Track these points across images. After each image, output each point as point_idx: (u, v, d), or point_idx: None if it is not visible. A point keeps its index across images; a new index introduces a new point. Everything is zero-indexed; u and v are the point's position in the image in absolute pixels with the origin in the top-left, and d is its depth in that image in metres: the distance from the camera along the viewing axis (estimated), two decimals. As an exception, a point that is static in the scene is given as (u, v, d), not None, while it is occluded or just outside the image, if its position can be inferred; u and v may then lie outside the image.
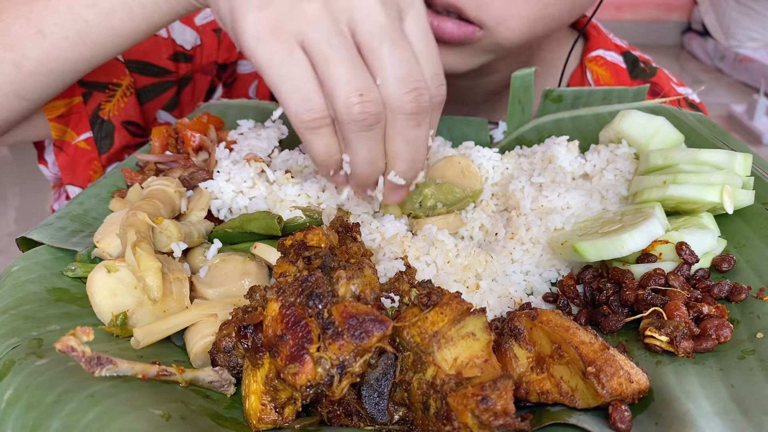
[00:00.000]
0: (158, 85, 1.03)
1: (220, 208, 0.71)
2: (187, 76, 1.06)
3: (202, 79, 1.09)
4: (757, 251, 0.62)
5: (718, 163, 0.67)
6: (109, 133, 0.97)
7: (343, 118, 0.56)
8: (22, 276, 0.59)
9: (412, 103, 0.57)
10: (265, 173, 0.74)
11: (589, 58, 1.08)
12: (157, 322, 0.55)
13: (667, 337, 0.51)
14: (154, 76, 1.02)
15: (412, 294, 0.51)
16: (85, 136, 0.96)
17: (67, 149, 0.96)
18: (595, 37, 1.10)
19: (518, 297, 0.63)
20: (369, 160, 0.60)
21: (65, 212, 0.70)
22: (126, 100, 0.98)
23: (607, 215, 0.68)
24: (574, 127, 0.90)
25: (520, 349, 0.50)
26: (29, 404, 0.44)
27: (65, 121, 0.95)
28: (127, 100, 0.98)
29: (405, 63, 0.56)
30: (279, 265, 0.52)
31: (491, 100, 1.08)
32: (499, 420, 0.41)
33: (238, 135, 0.80)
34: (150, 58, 1.01)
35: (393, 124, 0.58)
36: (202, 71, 1.08)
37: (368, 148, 0.59)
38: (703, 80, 4.84)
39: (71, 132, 0.95)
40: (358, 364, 0.45)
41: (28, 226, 0.77)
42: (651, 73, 1.09)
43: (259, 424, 0.47)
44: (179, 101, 1.07)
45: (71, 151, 0.97)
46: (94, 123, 0.96)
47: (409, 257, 0.65)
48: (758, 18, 4.84)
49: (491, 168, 0.79)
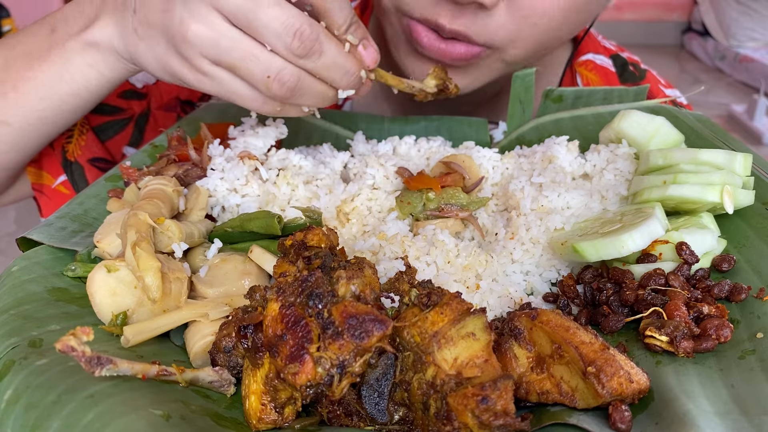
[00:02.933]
0: (114, 123, 1.04)
1: (213, 205, 0.72)
2: (143, 113, 1.08)
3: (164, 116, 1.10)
4: (757, 251, 0.62)
5: (718, 163, 0.66)
6: (81, 174, 0.99)
7: (275, 98, 0.66)
8: (22, 276, 0.59)
9: (301, 47, 0.63)
10: (259, 171, 0.74)
11: (579, 62, 1.08)
12: (148, 320, 0.55)
13: (667, 337, 0.51)
14: (107, 115, 1.04)
15: (412, 294, 0.51)
16: (61, 179, 0.98)
17: (48, 192, 0.99)
18: (585, 40, 1.10)
19: (518, 297, 0.63)
20: (320, 100, 0.69)
21: (65, 212, 0.70)
22: (84, 138, 1.00)
23: (607, 215, 0.68)
24: (574, 127, 0.90)
25: (520, 349, 0.50)
26: (29, 404, 0.44)
27: (38, 166, 0.98)
28: (86, 138, 1.00)
29: (274, 18, 0.61)
30: (279, 265, 0.52)
31: (491, 100, 1.08)
32: (499, 420, 0.41)
33: (238, 132, 0.80)
34: None
35: (306, 67, 0.65)
36: (162, 108, 1.10)
37: (310, 96, 0.67)
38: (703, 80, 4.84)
39: (47, 175, 0.98)
40: (358, 364, 0.45)
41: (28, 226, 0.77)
42: (640, 76, 1.10)
43: (259, 424, 0.47)
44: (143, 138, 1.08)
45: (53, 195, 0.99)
46: (66, 167, 0.98)
47: (410, 257, 0.65)
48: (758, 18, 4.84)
49: (491, 168, 0.79)
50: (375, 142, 0.88)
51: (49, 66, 0.78)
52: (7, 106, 0.80)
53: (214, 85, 0.66)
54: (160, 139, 0.87)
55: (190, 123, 0.91)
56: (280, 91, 0.65)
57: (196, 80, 0.67)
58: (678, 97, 1.06)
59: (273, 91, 0.65)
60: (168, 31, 0.65)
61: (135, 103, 1.06)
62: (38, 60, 0.78)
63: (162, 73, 0.70)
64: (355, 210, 0.73)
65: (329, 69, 0.66)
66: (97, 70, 0.77)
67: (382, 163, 0.77)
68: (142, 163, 0.80)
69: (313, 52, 0.64)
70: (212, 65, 0.65)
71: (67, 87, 0.79)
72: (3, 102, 0.80)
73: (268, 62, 0.63)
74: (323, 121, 0.99)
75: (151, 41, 0.68)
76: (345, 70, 0.67)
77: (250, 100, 0.67)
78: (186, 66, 0.66)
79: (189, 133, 0.85)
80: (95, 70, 0.77)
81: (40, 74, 0.78)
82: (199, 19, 0.62)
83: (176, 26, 0.64)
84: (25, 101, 0.80)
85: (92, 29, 0.75)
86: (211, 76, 0.66)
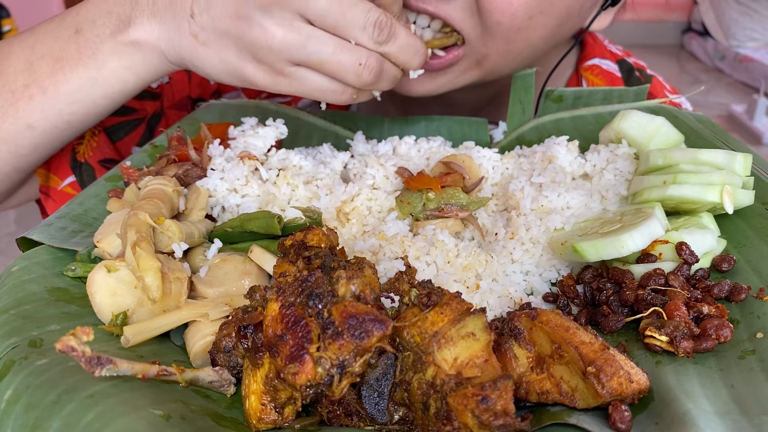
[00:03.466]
0: (126, 123, 1.04)
1: (213, 205, 0.72)
2: (156, 113, 1.07)
3: (176, 115, 1.09)
4: (757, 251, 0.62)
5: (718, 163, 0.66)
6: (90, 175, 0.98)
7: (363, 86, 0.71)
8: (22, 276, 0.59)
9: (381, 34, 0.68)
10: (259, 171, 0.74)
11: (585, 67, 1.08)
12: (147, 321, 0.55)
13: (667, 337, 0.51)
14: (120, 115, 1.03)
15: (412, 294, 0.51)
16: (69, 181, 0.97)
17: (54, 195, 0.98)
18: (591, 45, 1.10)
19: (518, 297, 0.63)
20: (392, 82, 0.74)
21: (65, 212, 0.70)
22: (96, 139, 0.99)
23: (607, 215, 0.68)
24: (574, 127, 0.90)
25: (520, 349, 0.50)
26: (29, 404, 0.44)
27: (46, 167, 0.97)
28: (98, 139, 0.99)
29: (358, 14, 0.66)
30: (279, 265, 0.52)
31: (492, 100, 1.08)
32: (499, 420, 0.41)
33: (238, 132, 0.80)
34: None
35: (386, 53, 0.71)
36: (174, 107, 1.09)
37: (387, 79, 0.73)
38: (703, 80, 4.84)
39: (54, 177, 0.97)
40: (358, 364, 0.45)
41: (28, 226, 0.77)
42: (646, 81, 1.10)
43: (259, 424, 0.47)
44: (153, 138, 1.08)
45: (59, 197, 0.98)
46: (75, 168, 0.97)
47: (410, 257, 0.65)
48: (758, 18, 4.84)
49: (491, 168, 0.79)
50: (375, 142, 0.88)
51: (81, 70, 0.77)
52: (33, 109, 0.79)
53: (293, 85, 0.70)
54: (160, 139, 0.87)
55: (190, 123, 0.91)
56: (369, 78, 0.69)
57: (273, 83, 0.70)
58: (683, 102, 1.06)
59: (363, 79, 0.69)
60: (245, 38, 0.67)
61: (148, 104, 1.06)
62: (68, 63, 0.77)
63: (228, 77, 0.72)
64: (355, 210, 0.73)
65: (404, 51, 0.71)
66: (135, 72, 0.77)
67: (382, 163, 0.77)
68: (142, 163, 0.80)
69: (391, 36, 0.69)
70: (294, 67, 0.68)
71: (100, 90, 0.78)
72: (29, 105, 0.79)
73: (357, 52, 0.68)
74: (323, 121, 0.99)
75: (219, 47, 0.69)
76: (415, 49, 0.73)
77: (331, 92, 0.71)
78: (263, 70, 0.69)
79: (189, 133, 0.85)
80: (132, 72, 0.77)
81: (72, 78, 0.77)
82: (283, 24, 0.65)
83: (257, 34, 0.66)
84: (54, 105, 0.78)
85: (130, 30, 0.74)
86: (291, 77, 0.69)
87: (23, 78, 0.79)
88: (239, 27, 0.67)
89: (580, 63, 1.09)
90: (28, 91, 0.78)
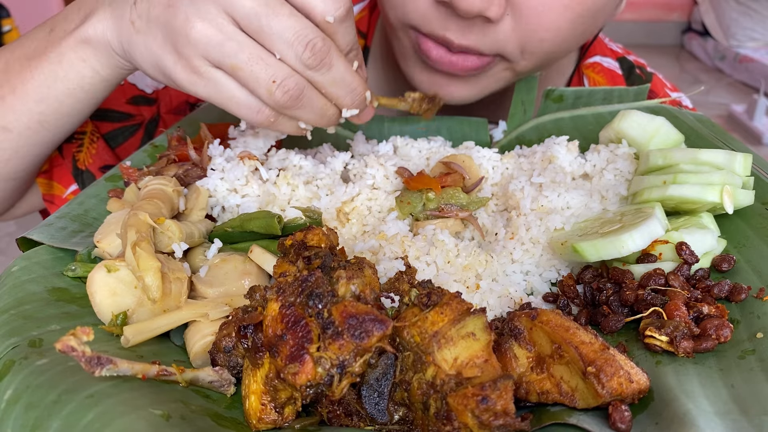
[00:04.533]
0: (123, 129, 1.04)
1: (213, 205, 0.72)
2: (154, 118, 1.07)
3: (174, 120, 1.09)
4: (757, 251, 0.62)
5: (718, 163, 0.66)
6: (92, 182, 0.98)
7: (275, 106, 0.65)
8: (22, 276, 0.59)
9: (312, 58, 0.63)
10: (259, 171, 0.74)
11: (586, 65, 1.09)
12: (148, 321, 0.55)
13: (667, 337, 0.51)
14: (116, 121, 1.03)
15: (412, 294, 0.51)
16: (72, 189, 0.97)
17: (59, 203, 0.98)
18: (592, 43, 1.10)
19: (518, 297, 0.63)
20: (319, 116, 0.68)
21: (65, 212, 0.70)
22: (95, 146, 0.99)
23: (607, 215, 0.68)
24: (574, 127, 0.90)
25: (520, 349, 0.50)
26: (29, 404, 0.44)
27: (49, 176, 0.97)
28: (97, 146, 0.99)
29: (287, 27, 0.62)
30: (279, 265, 0.52)
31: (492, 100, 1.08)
32: (499, 420, 0.41)
33: (238, 132, 0.80)
34: (108, 104, 1.02)
35: (313, 80, 0.65)
36: (172, 112, 1.09)
37: (311, 110, 0.67)
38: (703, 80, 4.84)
39: (58, 185, 0.97)
40: (358, 364, 0.45)
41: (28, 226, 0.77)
42: (647, 79, 1.10)
43: (259, 424, 0.48)
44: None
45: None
46: (77, 176, 0.97)
47: (410, 257, 0.65)
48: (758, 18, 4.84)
49: (491, 168, 0.79)
50: (375, 142, 0.88)
51: (45, 65, 0.77)
52: (6, 110, 0.79)
53: (208, 89, 0.65)
54: (160, 139, 0.87)
55: (190, 123, 0.91)
56: (282, 99, 0.64)
57: (189, 81, 0.66)
58: (683, 100, 1.06)
59: (275, 98, 0.64)
60: (168, 26, 0.64)
61: (145, 109, 1.06)
62: (35, 60, 0.77)
63: (153, 70, 0.69)
64: (355, 210, 0.73)
65: (336, 84, 0.66)
66: (90, 66, 0.76)
67: (382, 163, 0.77)
68: (142, 163, 0.80)
69: (323, 65, 0.64)
70: (210, 67, 0.64)
71: (62, 86, 0.77)
72: (2, 107, 0.79)
73: (275, 67, 0.63)
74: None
75: (148, 36, 0.67)
76: (351, 88, 0.68)
77: (245, 107, 0.66)
78: (180, 65, 0.65)
79: (189, 133, 0.85)
80: (88, 65, 0.76)
81: (37, 75, 0.77)
82: (206, 18, 0.62)
83: (180, 23, 0.63)
84: (24, 104, 0.79)
85: (87, 23, 0.73)
86: (206, 79, 0.65)
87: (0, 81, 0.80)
88: (167, 14, 0.64)
89: (582, 61, 1.09)
90: (1, 91, 0.79)
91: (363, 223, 0.72)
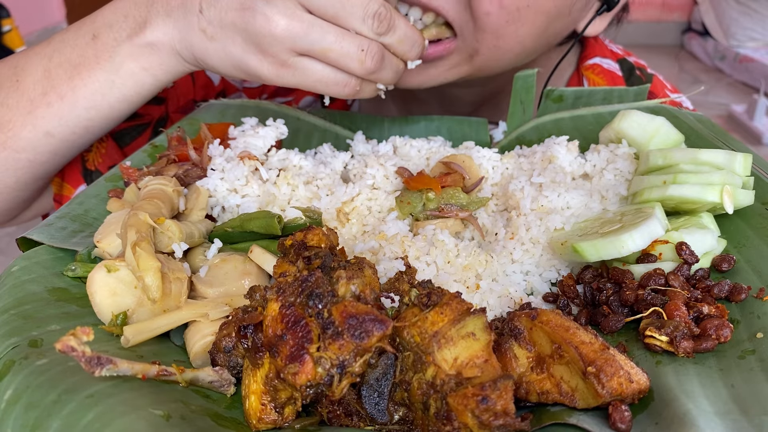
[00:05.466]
0: (132, 128, 1.04)
1: (213, 205, 0.72)
2: (162, 117, 1.07)
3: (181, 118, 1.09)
4: (757, 251, 0.62)
5: (718, 163, 0.66)
6: None
7: (365, 73, 0.72)
8: (22, 276, 0.59)
9: (380, 25, 0.70)
10: (259, 171, 0.74)
11: (586, 66, 1.08)
12: (147, 321, 0.55)
13: (667, 337, 0.51)
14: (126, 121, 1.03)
15: (412, 294, 0.51)
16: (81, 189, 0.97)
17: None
18: (592, 44, 1.10)
19: (518, 297, 0.63)
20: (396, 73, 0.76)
21: (65, 212, 0.70)
22: (104, 146, 0.99)
23: (607, 215, 0.68)
24: (574, 127, 0.90)
25: (520, 349, 0.50)
26: (29, 404, 0.44)
27: (60, 175, 0.97)
28: (106, 146, 0.99)
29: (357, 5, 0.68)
30: (279, 265, 0.52)
31: (492, 100, 1.08)
32: (499, 420, 0.41)
33: (238, 132, 0.80)
34: None
35: (385, 43, 0.72)
36: (180, 111, 1.10)
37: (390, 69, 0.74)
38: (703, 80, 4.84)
39: (68, 186, 0.97)
40: (358, 364, 0.45)
41: (28, 226, 0.77)
42: (647, 80, 1.10)
43: (259, 424, 0.47)
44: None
45: None
46: (86, 176, 0.97)
47: (410, 257, 0.65)
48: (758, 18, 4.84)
49: (491, 168, 0.79)
50: (375, 142, 0.88)
51: (98, 73, 0.77)
52: (52, 116, 0.79)
53: (296, 77, 0.71)
54: (160, 139, 0.87)
55: (190, 123, 0.91)
56: (372, 65, 0.70)
57: (278, 75, 0.71)
58: (683, 101, 1.06)
59: (366, 66, 0.70)
60: (249, 29, 0.68)
61: (154, 108, 1.06)
62: (86, 68, 0.78)
63: (234, 71, 0.73)
64: (355, 210, 0.73)
65: (403, 42, 0.73)
66: (152, 73, 0.77)
67: (382, 163, 0.77)
68: (142, 163, 0.80)
69: (390, 28, 0.71)
70: (297, 57, 0.69)
71: (118, 93, 0.78)
72: (47, 112, 0.79)
73: (359, 40, 0.70)
74: (323, 121, 0.99)
75: (226, 41, 0.70)
76: (413, 40, 0.74)
77: (333, 83, 0.72)
78: (267, 62, 0.70)
79: (189, 133, 0.85)
80: (150, 73, 0.77)
81: (90, 83, 0.78)
82: (286, 13, 0.67)
83: (260, 23, 0.67)
84: (72, 111, 0.79)
85: (146, 32, 0.75)
86: (294, 68, 0.70)
87: (41, 86, 0.79)
88: (244, 18, 0.68)
89: (581, 62, 1.09)
90: (46, 98, 0.79)
91: (363, 223, 0.72)
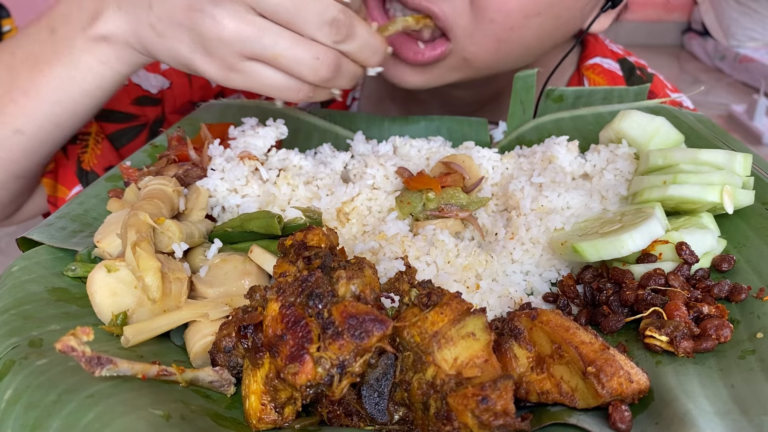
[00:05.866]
0: (128, 129, 1.04)
1: (213, 205, 0.72)
2: (158, 118, 1.07)
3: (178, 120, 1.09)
4: (757, 251, 0.62)
5: (718, 163, 0.66)
6: None
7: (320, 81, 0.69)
8: (22, 276, 0.59)
9: (338, 33, 0.67)
10: (259, 171, 0.74)
11: (587, 66, 1.08)
12: (147, 320, 0.55)
13: (667, 337, 0.51)
14: (120, 122, 1.03)
15: (412, 294, 0.51)
16: (76, 190, 0.97)
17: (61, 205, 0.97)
18: (593, 44, 1.10)
19: (518, 297, 0.63)
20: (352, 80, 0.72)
21: (65, 212, 0.70)
22: (100, 146, 0.99)
23: (607, 215, 0.68)
24: (574, 127, 0.90)
25: (520, 349, 0.50)
26: (29, 404, 0.44)
27: (53, 177, 0.97)
28: (101, 147, 0.99)
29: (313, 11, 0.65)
30: (279, 265, 0.52)
31: (492, 100, 1.08)
32: (499, 420, 0.41)
33: (238, 132, 0.80)
34: (112, 105, 1.02)
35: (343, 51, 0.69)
36: (177, 112, 1.09)
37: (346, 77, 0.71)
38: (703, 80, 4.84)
39: (62, 187, 0.97)
40: (358, 364, 0.45)
41: (28, 226, 0.77)
42: (648, 80, 1.10)
43: (259, 424, 0.47)
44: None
45: None
46: (81, 177, 0.97)
47: (410, 257, 0.65)
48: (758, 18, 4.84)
49: (491, 168, 0.79)
50: (375, 142, 0.88)
51: (58, 68, 0.77)
52: (19, 113, 0.79)
53: (245, 80, 0.68)
54: (160, 139, 0.87)
55: (190, 123, 0.91)
56: (326, 74, 0.68)
57: (225, 78, 0.68)
58: (684, 100, 1.06)
59: (320, 74, 0.67)
60: (195, 30, 0.66)
61: (150, 110, 1.05)
62: (46, 63, 0.77)
63: (184, 69, 0.71)
64: (355, 210, 0.73)
65: (362, 50, 0.70)
66: (110, 66, 0.76)
67: (382, 163, 0.77)
68: (142, 163, 0.80)
69: (348, 36, 0.68)
70: (245, 61, 0.67)
71: (78, 88, 0.78)
72: (14, 110, 0.79)
73: (314, 48, 0.67)
74: (323, 121, 0.99)
75: (173, 40, 0.69)
76: (374, 49, 0.72)
77: (285, 89, 0.69)
78: (214, 64, 0.68)
79: (189, 133, 0.85)
80: (108, 67, 0.76)
81: (51, 78, 0.77)
82: (235, 17, 0.64)
83: (208, 26, 0.65)
84: (38, 107, 0.78)
85: (98, 24, 0.73)
86: (243, 72, 0.68)
87: (6, 84, 0.79)
88: (192, 19, 0.66)
89: (582, 62, 1.09)
90: (11, 95, 0.78)
91: (363, 223, 0.72)
